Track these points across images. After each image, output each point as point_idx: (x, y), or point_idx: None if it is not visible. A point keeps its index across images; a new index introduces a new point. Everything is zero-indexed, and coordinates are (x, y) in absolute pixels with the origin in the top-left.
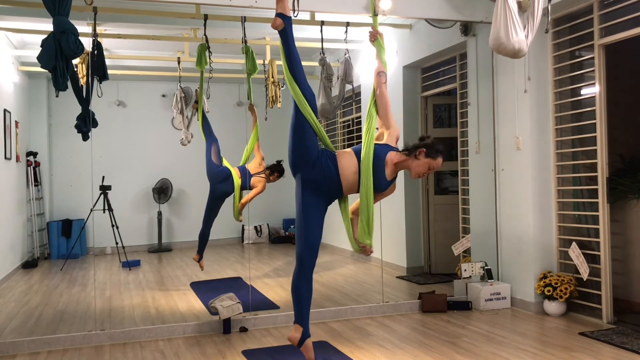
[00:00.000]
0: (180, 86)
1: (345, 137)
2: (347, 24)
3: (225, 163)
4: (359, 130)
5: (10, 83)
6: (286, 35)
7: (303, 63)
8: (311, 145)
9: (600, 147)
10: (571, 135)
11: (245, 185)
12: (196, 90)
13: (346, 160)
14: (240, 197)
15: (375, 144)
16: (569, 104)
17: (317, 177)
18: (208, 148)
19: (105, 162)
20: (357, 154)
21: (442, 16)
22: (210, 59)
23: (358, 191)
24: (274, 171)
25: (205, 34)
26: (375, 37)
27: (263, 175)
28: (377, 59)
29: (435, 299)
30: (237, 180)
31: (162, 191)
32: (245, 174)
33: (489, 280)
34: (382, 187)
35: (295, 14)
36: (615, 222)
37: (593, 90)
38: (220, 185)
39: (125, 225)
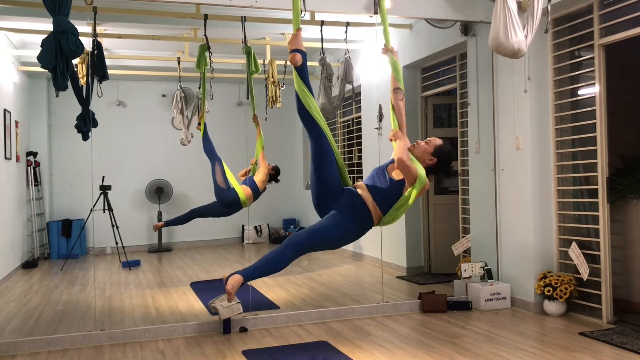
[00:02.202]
0: (180, 86)
1: (345, 137)
2: (347, 24)
3: (233, 182)
4: (359, 130)
5: (10, 83)
6: (302, 69)
7: None
8: (335, 175)
9: (600, 147)
10: (571, 135)
11: (257, 196)
12: (198, 99)
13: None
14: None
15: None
16: (569, 104)
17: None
18: (213, 170)
19: (105, 162)
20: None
21: (442, 16)
22: (210, 59)
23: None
24: (272, 179)
25: (205, 34)
26: (386, 53)
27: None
28: (392, 77)
29: (435, 299)
30: (244, 198)
31: (158, 192)
32: (252, 186)
33: (489, 280)
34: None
35: (302, 15)
36: (615, 222)
37: (593, 90)
38: (228, 206)
39: (125, 225)
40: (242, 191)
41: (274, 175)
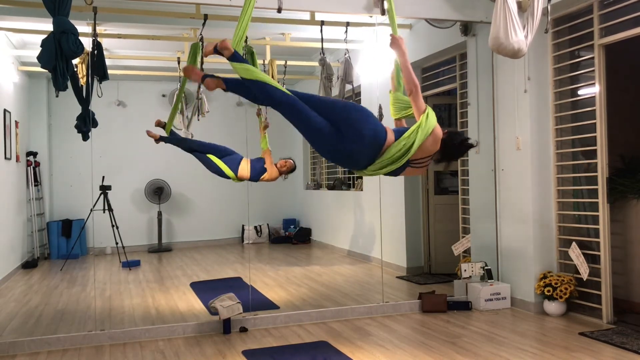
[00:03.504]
0: (180, 86)
1: None
2: (347, 24)
3: (225, 169)
4: None
5: (10, 83)
6: (235, 57)
7: (303, 63)
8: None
9: (600, 147)
10: (571, 135)
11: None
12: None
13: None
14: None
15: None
16: (569, 104)
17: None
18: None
19: (105, 162)
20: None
21: (442, 16)
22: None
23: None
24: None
25: (201, 34)
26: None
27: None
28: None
29: (435, 299)
30: (233, 178)
31: (157, 192)
32: (255, 172)
33: (489, 280)
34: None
35: (279, 11)
36: (615, 222)
37: (593, 90)
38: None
39: (125, 225)
40: (231, 172)
41: (286, 172)
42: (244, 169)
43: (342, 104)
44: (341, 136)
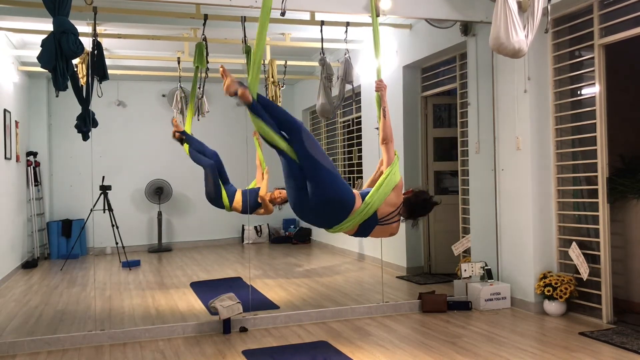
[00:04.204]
0: (180, 86)
1: (345, 137)
2: (347, 24)
3: (223, 195)
4: (359, 130)
5: (10, 83)
6: (254, 106)
7: (303, 63)
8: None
9: (600, 147)
10: (571, 135)
11: (250, 211)
12: (198, 99)
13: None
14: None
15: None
16: (569, 104)
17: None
18: (205, 176)
19: (105, 162)
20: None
21: (442, 16)
22: (207, 59)
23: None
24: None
25: (204, 34)
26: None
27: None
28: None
29: (435, 299)
30: (228, 207)
31: (158, 192)
32: (249, 202)
33: (489, 280)
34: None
35: (282, 14)
36: (615, 222)
37: (593, 90)
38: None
39: (125, 225)
40: (228, 202)
41: (280, 203)
42: (238, 201)
43: (318, 165)
44: (307, 193)
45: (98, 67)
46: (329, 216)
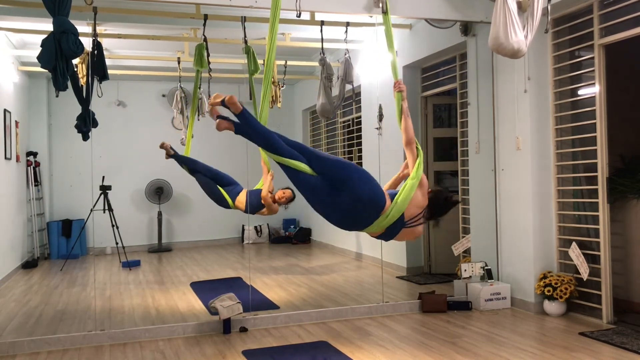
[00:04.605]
0: (180, 86)
1: (345, 137)
2: (347, 24)
3: (227, 198)
4: (359, 130)
5: (10, 83)
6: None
7: (303, 63)
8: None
9: (600, 147)
10: (571, 135)
11: (253, 210)
12: (198, 99)
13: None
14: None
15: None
16: (569, 104)
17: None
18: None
19: (105, 162)
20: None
21: (442, 16)
22: (208, 59)
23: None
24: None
25: (204, 34)
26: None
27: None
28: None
29: (435, 299)
30: (232, 205)
31: (158, 192)
32: (252, 203)
33: (489, 280)
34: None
35: (298, 15)
36: (615, 222)
37: (593, 90)
38: (217, 200)
39: (125, 225)
40: (230, 201)
41: (285, 202)
42: (241, 201)
43: (345, 164)
44: (337, 194)
45: (98, 67)
46: (362, 216)
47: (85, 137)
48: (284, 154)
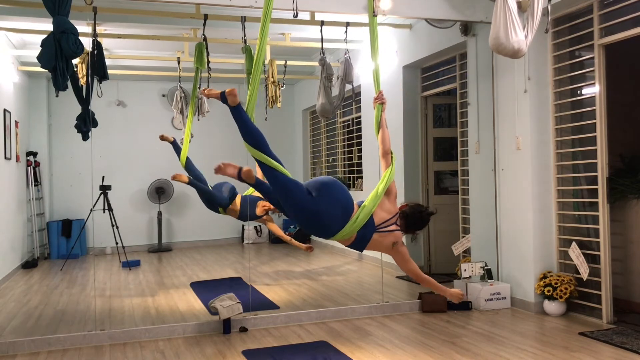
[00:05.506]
0: (180, 86)
1: (345, 137)
2: (347, 24)
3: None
4: (359, 130)
5: (10, 83)
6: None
7: (303, 63)
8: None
9: (600, 147)
10: (571, 135)
11: (249, 217)
12: (198, 99)
13: None
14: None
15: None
16: (569, 104)
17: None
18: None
19: (105, 162)
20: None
21: (442, 16)
22: (208, 59)
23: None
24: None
25: (204, 34)
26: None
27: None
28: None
29: (435, 299)
30: (223, 211)
31: (159, 192)
32: (247, 206)
33: (489, 280)
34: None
35: (295, 15)
36: (615, 222)
37: (593, 90)
38: (210, 202)
39: (125, 225)
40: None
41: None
42: (235, 204)
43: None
44: (310, 196)
45: (98, 67)
46: (332, 217)
47: (85, 137)
48: (267, 153)
